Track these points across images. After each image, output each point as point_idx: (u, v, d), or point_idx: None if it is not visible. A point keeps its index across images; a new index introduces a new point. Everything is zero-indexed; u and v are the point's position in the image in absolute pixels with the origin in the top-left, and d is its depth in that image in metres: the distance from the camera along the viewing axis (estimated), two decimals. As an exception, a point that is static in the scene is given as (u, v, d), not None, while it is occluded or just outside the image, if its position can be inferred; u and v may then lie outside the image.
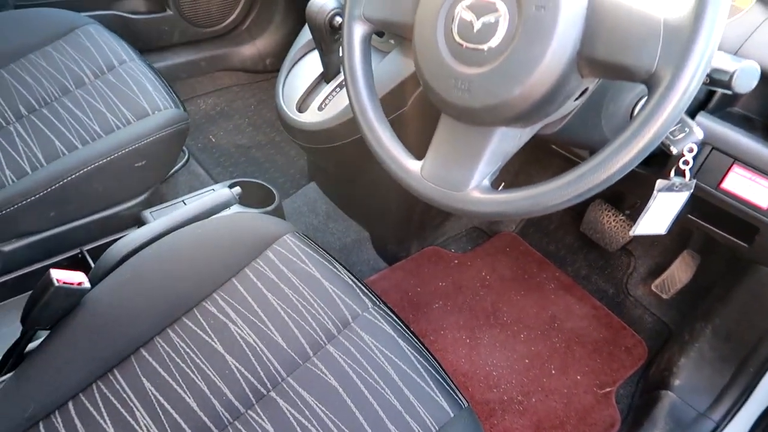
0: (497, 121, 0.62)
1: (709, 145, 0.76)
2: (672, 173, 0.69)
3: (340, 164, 1.26)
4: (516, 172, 1.46)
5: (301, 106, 1.11)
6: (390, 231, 1.38)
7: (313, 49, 1.12)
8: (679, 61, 0.50)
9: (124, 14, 1.65)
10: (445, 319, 1.29)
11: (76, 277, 0.76)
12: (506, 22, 0.58)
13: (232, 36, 1.90)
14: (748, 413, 1.01)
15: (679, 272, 1.27)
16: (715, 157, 0.76)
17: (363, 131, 0.73)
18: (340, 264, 0.89)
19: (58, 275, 0.73)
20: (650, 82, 0.53)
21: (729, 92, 0.57)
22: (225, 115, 1.79)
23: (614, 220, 1.33)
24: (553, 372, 1.22)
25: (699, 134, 0.65)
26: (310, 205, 1.48)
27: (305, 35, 1.14)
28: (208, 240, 0.90)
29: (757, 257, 0.91)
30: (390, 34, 1.02)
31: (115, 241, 0.93)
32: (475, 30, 0.60)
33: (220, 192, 1.01)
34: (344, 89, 1.10)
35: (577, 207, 1.47)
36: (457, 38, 0.62)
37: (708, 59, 0.50)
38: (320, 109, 1.08)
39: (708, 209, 0.86)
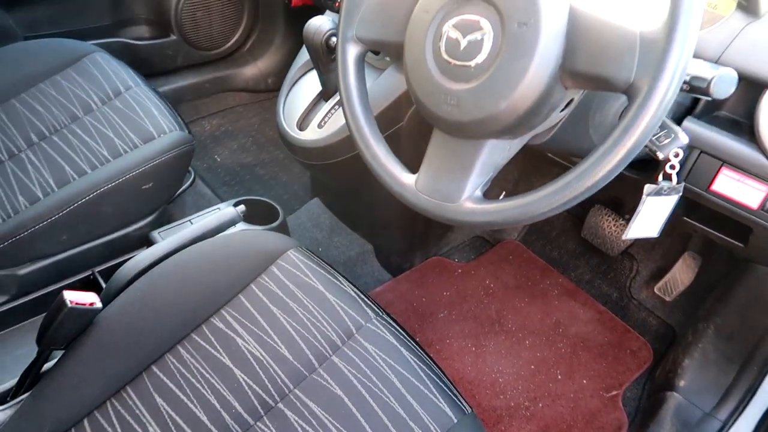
0: (486, 134, 0.65)
1: (697, 149, 0.78)
2: (660, 177, 0.71)
3: (341, 179, 1.28)
4: (516, 180, 1.49)
5: (302, 124, 1.14)
6: (393, 243, 1.40)
7: (312, 68, 1.15)
8: (655, 71, 0.52)
9: (130, 41, 1.70)
10: (451, 327, 1.31)
11: (88, 298, 0.79)
12: (491, 39, 0.61)
13: (235, 57, 1.94)
14: (754, 411, 1.02)
15: (681, 274, 1.29)
16: (703, 161, 0.78)
17: (359, 148, 0.76)
18: (343, 277, 0.92)
19: (71, 296, 0.76)
20: (630, 92, 0.55)
21: (708, 98, 0.59)
22: (229, 135, 1.83)
23: (614, 225, 1.35)
24: (559, 377, 1.23)
25: (684, 139, 0.67)
26: (314, 221, 1.51)
27: (303, 55, 1.17)
28: (215, 257, 0.92)
29: (754, 256, 0.92)
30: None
31: (125, 262, 0.96)
32: (461, 48, 0.63)
33: (225, 210, 1.04)
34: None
35: (577, 213, 1.49)
36: (445, 56, 0.64)
37: (682, 69, 0.52)
38: (320, 126, 1.10)
39: (703, 211, 0.88)
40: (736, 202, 0.78)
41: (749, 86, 0.75)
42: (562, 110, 0.67)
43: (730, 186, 0.77)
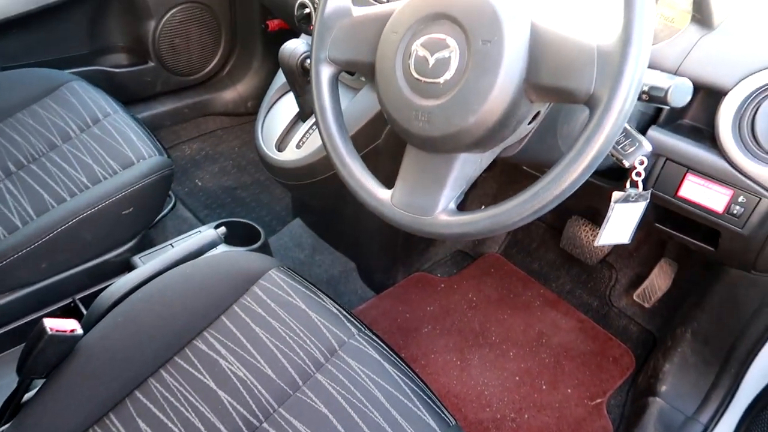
0: (457, 147, 0.66)
1: (663, 157, 0.81)
2: (627, 185, 0.73)
3: (321, 198, 1.30)
4: (494, 194, 1.51)
5: (280, 146, 1.15)
6: (375, 260, 1.41)
7: (289, 90, 1.17)
8: (612, 83, 0.55)
9: (108, 69, 1.71)
10: (435, 342, 1.31)
11: (69, 325, 0.79)
12: (457, 56, 0.63)
13: (213, 82, 1.96)
14: (733, 413, 1.03)
15: (659, 281, 1.31)
16: (669, 168, 0.81)
17: (335, 165, 0.77)
18: (325, 294, 0.93)
19: (51, 324, 0.76)
20: (590, 104, 0.57)
21: (667, 107, 0.62)
22: (210, 159, 1.84)
23: (591, 235, 1.37)
24: (544, 387, 1.25)
25: (648, 147, 0.69)
26: (295, 240, 1.51)
27: (280, 78, 1.19)
28: (196, 280, 0.93)
29: (724, 259, 0.95)
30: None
31: (106, 288, 0.96)
32: (430, 65, 0.65)
33: (206, 233, 1.04)
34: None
35: (555, 224, 1.51)
36: (414, 74, 0.66)
37: (638, 80, 0.55)
38: (298, 146, 1.12)
39: (674, 218, 0.90)
40: (702, 206, 0.80)
41: (708, 95, 0.78)
42: (530, 123, 0.69)
43: (696, 191, 0.80)
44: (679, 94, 0.59)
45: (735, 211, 0.78)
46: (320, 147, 1.10)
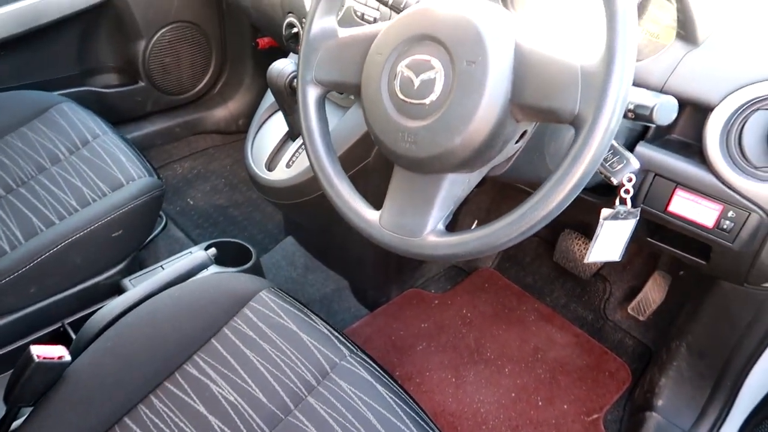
0: (445, 168, 0.66)
1: (652, 172, 0.81)
2: (617, 202, 0.73)
3: (312, 217, 1.29)
4: (488, 209, 1.51)
5: (270, 165, 1.15)
6: (368, 277, 1.40)
7: (278, 110, 1.17)
8: (597, 102, 0.55)
9: (98, 89, 1.71)
10: (430, 360, 1.31)
11: (57, 351, 0.78)
12: (442, 77, 0.63)
13: (205, 101, 1.96)
14: (731, 427, 1.03)
15: (653, 293, 1.31)
16: (659, 183, 0.81)
17: (323, 187, 0.77)
18: (317, 315, 0.92)
19: (38, 351, 0.75)
20: (575, 123, 0.57)
21: (653, 125, 0.62)
22: (202, 178, 1.83)
23: (585, 248, 1.37)
24: (540, 403, 1.24)
25: (635, 164, 0.69)
26: (288, 259, 1.51)
27: (270, 97, 1.19)
28: (186, 303, 0.92)
29: (717, 273, 0.94)
30: (347, 91, 1.07)
31: (96, 312, 0.95)
32: (415, 86, 0.65)
33: (196, 255, 1.04)
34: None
35: (548, 238, 1.51)
36: (400, 95, 0.66)
37: (623, 99, 0.55)
38: (288, 166, 1.12)
39: (666, 232, 0.90)
40: (692, 221, 0.80)
41: (696, 110, 0.78)
42: (517, 142, 0.69)
43: (686, 206, 0.80)
44: (665, 112, 0.59)
45: (725, 226, 0.77)
46: (310, 166, 1.10)
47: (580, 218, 1.32)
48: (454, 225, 1.49)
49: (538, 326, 1.38)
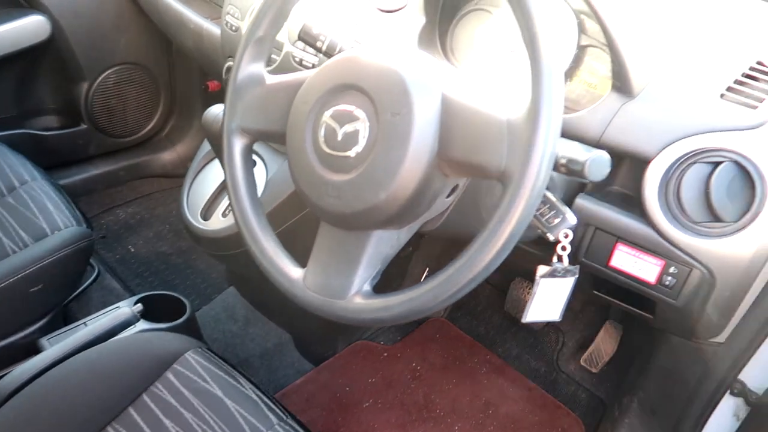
0: (370, 225, 0.62)
1: (592, 226, 0.78)
2: (554, 259, 0.70)
3: (251, 268, 1.23)
4: (438, 255, 1.47)
5: (206, 214, 1.09)
6: (313, 330, 1.34)
7: (215, 157, 1.12)
8: (523, 159, 0.52)
9: (36, 132, 1.63)
10: (377, 418, 1.24)
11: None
12: (367, 129, 0.60)
13: (152, 143, 1.89)
14: (685, 488, 0.98)
15: (605, 344, 1.28)
16: (600, 237, 0.78)
17: (246, 243, 0.72)
18: (247, 378, 0.85)
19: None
20: (502, 180, 0.54)
21: (585, 180, 0.59)
22: (145, 224, 1.75)
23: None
24: (492, 463, 1.18)
25: (572, 220, 0.66)
26: (228, 311, 1.43)
27: (207, 144, 1.15)
28: (103, 366, 0.85)
29: (664, 327, 0.92)
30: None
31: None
32: (339, 138, 0.61)
33: (119, 312, 0.96)
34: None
35: (500, 285, 1.47)
36: (323, 146, 0.62)
37: (550, 155, 0.52)
38: (224, 215, 1.07)
39: (611, 284, 0.87)
40: (634, 277, 0.77)
41: (634, 162, 0.76)
42: (448, 196, 0.65)
43: (627, 261, 0.77)
44: (597, 167, 0.57)
45: (667, 282, 0.75)
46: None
47: (529, 267, 1.29)
48: (405, 272, 1.44)
49: (489, 379, 1.33)
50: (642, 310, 0.88)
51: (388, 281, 1.23)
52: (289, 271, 0.68)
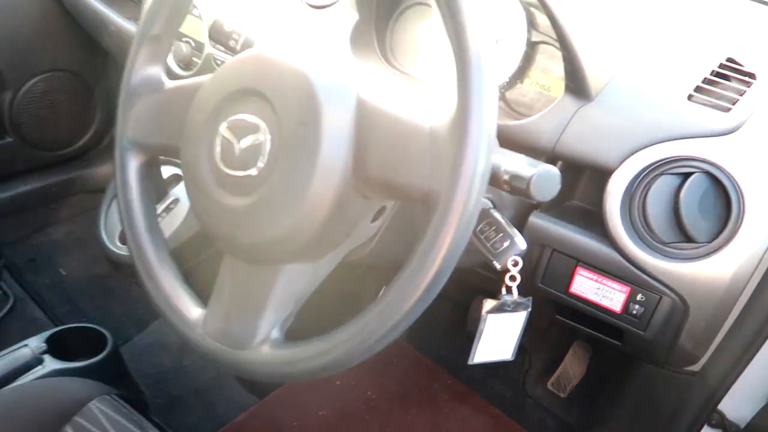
0: (278, 258, 0.51)
1: (549, 248, 0.69)
2: (503, 290, 0.60)
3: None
4: (398, 267, 1.36)
5: (124, 238, 0.97)
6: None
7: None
8: (450, 178, 0.41)
9: (-49, 147, 1.49)
10: (326, 457, 1.12)
11: None
12: (268, 143, 0.49)
13: (89, 157, 1.75)
14: None
15: (573, 367, 1.18)
16: (558, 260, 0.69)
17: (140, 276, 0.61)
18: (159, 428, 0.74)
19: None
20: (427, 203, 0.43)
21: (532, 200, 0.49)
22: (80, 244, 1.62)
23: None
24: (453, 503, 1.07)
25: (521, 245, 0.57)
26: (161, 342, 1.30)
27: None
28: (-12, 422, 0.72)
29: (634, 354, 0.82)
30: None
31: None
32: (236, 154, 0.51)
33: (17, 354, 0.84)
34: (170, 213, 0.98)
35: (462, 303, 1.37)
36: (220, 164, 0.52)
37: (482, 171, 0.41)
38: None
39: (574, 309, 0.78)
40: (597, 305, 0.68)
41: (595, 174, 0.67)
42: (375, 221, 0.55)
43: (589, 288, 0.67)
44: (544, 185, 0.47)
45: (634, 312, 0.65)
46: (171, 236, 0.93)
47: (490, 288, 1.20)
48: (358, 291, 1.33)
49: (451, 408, 1.22)
50: (609, 337, 0.79)
51: (341, 302, 1.12)
52: (187, 312, 0.57)
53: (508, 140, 0.65)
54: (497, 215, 0.59)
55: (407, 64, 0.80)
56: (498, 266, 0.57)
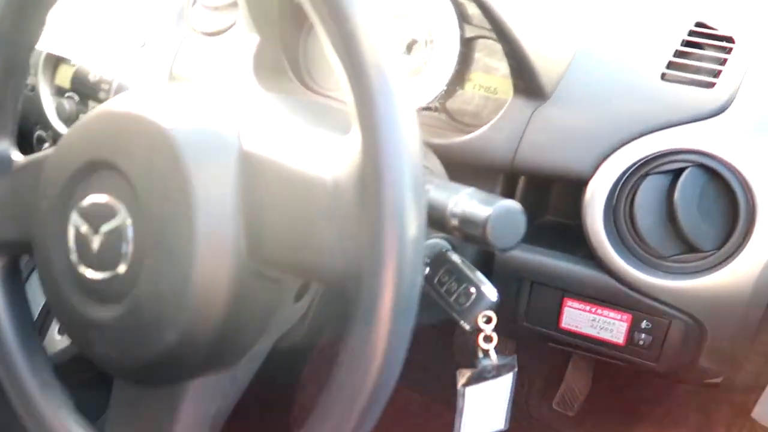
0: (177, 375, 0.39)
1: (528, 279, 0.57)
2: (479, 354, 0.48)
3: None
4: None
5: (40, 330, 0.84)
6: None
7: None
8: (370, 256, 0.29)
9: None
10: None
11: None
12: (130, 230, 0.36)
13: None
14: None
15: (576, 382, 1.07)
16: (540, 293, 0.57)
17: (17, 411, 0.47)
18: None
19: None
20: (348, 294, 0.31)
21: (491, 249, 0.38)
22: None
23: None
24: None
25: (492, 296, 0.45)
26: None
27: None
28: None
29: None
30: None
31: None
32: (95, 248, 0.38)
33: None
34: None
35: (446, 329, 1.25)
36: (76, 264, 0.39)
37: (413, 237, 0.29)
38: (60, 332, 0.82)
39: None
40: (597, 339, 0.56)
41: (567, 186, 0.55)
42: (299, 300, 0.42)
43: (583, 321, 0.56)
44: (505, 227, 0.35)
45: (641, 342, 0.54)
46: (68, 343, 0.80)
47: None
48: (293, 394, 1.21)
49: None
50: (613, 359, 0.67)
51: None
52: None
53: (456, 161, 0.54)
54: (457, 259, 0.47)
55: (327, 84, 0.67)
56: (467, 327, 0.45)
